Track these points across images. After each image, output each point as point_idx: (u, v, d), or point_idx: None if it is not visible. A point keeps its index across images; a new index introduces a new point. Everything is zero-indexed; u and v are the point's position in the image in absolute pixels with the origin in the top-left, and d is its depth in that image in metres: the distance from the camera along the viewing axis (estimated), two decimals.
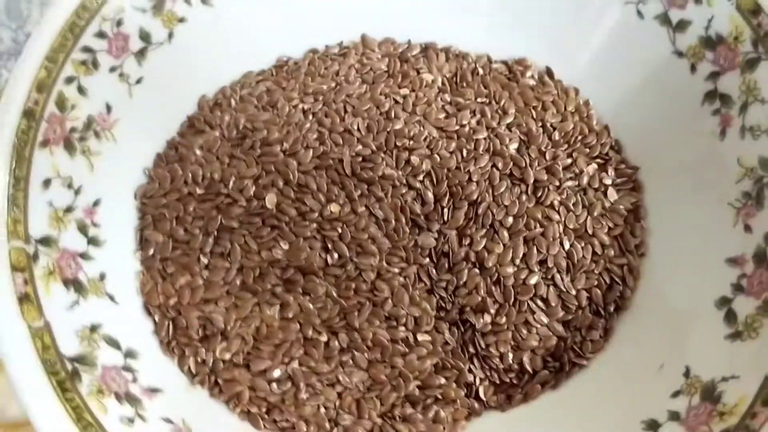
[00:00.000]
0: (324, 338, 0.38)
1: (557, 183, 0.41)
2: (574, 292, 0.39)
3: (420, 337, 0.39)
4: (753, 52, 0.36)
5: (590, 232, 0.40)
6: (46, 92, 0.38)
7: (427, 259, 0.40)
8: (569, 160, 0.42)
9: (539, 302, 0.39)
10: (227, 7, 0.44)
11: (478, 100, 0.45)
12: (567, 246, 0.40)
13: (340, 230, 0.40)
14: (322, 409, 0.37)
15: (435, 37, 0.48)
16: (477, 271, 0.40)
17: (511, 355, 0.39)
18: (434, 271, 0.40)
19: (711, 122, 0.38)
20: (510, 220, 0.40)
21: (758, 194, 0.35)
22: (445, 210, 0.41)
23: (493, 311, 0.39)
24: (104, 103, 0.40)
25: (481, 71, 0.46)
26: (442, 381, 0.38)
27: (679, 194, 0.39)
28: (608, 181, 0.42)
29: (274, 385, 0.37)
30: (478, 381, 0.39)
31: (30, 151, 0.36)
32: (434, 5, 0.47)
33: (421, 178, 0.41)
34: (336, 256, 0.39)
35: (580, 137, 0.43)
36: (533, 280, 0.39)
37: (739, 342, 0.32)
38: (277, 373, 0.37)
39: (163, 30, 0.42)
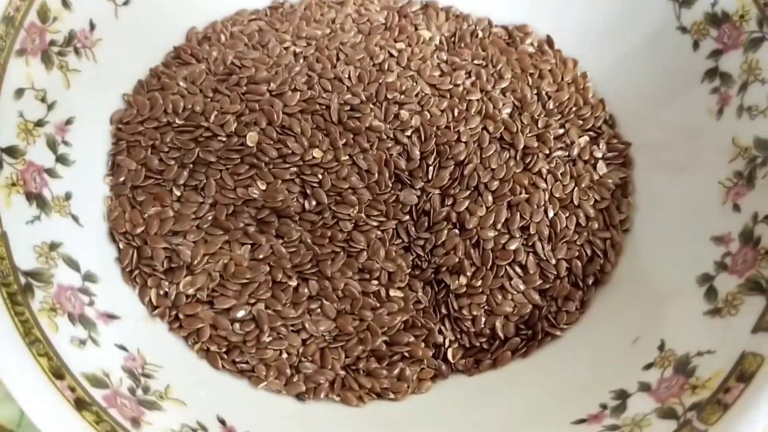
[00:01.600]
0: (293, 283, 0.37)
1: (547, 151, 0.40)
2: (553, 262, 0.38)
3: (392, 293, 0.38)
4: (758, 32, 0.35)
5: (576, 203, 0.39)
6: (29, 0, 0.36)
7: (407, 216, 0.39)
8: (561, 130, 0.41)
9: (517, 268, 0.38)
10: None
11: (475, 61, 0.43)
12: (551, 215, 0.39)
13: (320, 176, 0.38)
14: (284, 355, 0.36)
15: None
16: (457, 232, 0.39)
17: (483, 320, 0.37)
18: (413, 228, 0.39)
19: (709, 100, 0.37)
20: (495, 183, 0.39)
21: (750, 174, 0.34)
22: (431, 168, 0.39)
23: (469, 273, 0.38)
24: (88, 20, 0.39)
25: (480, 34, 0.45)
26: (411, 339, 0.37)
27: (670, 171, 0.38)
28: (599, 155, 0.41)
29: (237, 325, 0.36)
30: (447, 343, 0.38)
31: (5, 58, 0.35)
32: None
33: (408, 133, 0.40)
34: (314, 202, 0.38)
35: (574, 108, 0.42)
36: (513, 246, 0.38)
37: (718, 318, 0.31)
38: (240, 312, 0.36)
39: None
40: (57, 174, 0.35)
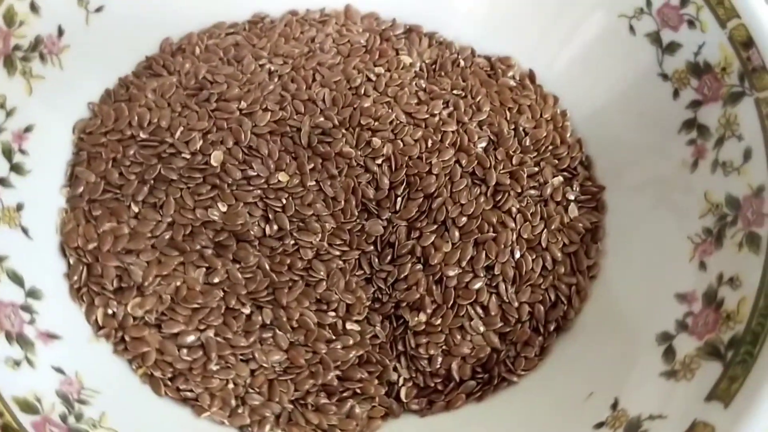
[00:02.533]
0: (247, 311, 0.36)
1: (519, 190, 0.39)
2: (516, 305, 0.37)
3: (349, 326, 0.37)
4: (738, 86, 0.34)
5: (544, 245, 0.38)
6: None
7: (372, 247, 0.38)
8: (536, 169, 0.40)
9: (478, 309, 0.37)
10: None
11: (454, 91, 0.43)
12: (517, 255, 0.38)
13: (284, 201, 0.37)
14: (231, 385, 0.35)
15: (421, 20, 0.46)
16: (420, 266, 0.38)
17: (440, 359, 0.37)
18: (376, 260, 0.38)
19: (684, 152, 0.36)
20: (463, 219, 0.38)
21: (719, 233, 0.33)
22: (399, 199, 0.39)
23: (429, 311, 0.37)
24: (56, 26, 0.38)
25: (462, 63, 0.44)
26: (364, 375, 0.36)
27: (641, 220, 0.37)
28: (571, 197, 0.40)
29: (185, 351, 0.35)
30: (401, 381, 0.37)
31: None
32: None
33: (379, 161, 0.39)
34: (275, 227, 0.37)
35: (551, 147, 0.41)
36: (476, 285, 0.37)
37: (674, 381, 0.30)
38: (189, 339, 0.35)
39: None
40: (10, 183, 0.34)
